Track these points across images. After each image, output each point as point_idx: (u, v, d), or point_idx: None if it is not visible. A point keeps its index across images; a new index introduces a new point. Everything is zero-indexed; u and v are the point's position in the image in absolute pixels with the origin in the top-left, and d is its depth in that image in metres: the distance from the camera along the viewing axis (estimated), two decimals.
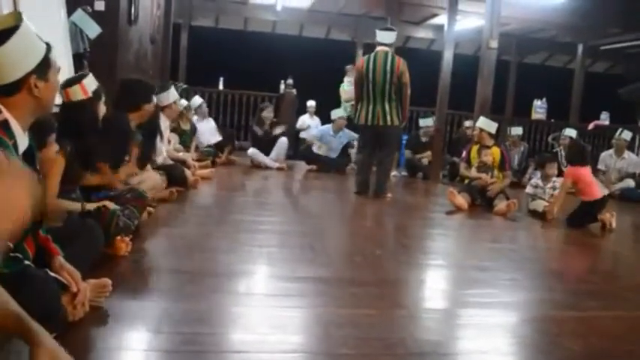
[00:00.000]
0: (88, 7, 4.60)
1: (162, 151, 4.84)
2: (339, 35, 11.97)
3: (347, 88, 8.92)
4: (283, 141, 7.69)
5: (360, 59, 5.91)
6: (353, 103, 6.74)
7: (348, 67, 9.07)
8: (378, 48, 5.55)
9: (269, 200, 5.48)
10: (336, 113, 7.94)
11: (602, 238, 4.61)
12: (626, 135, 7.62)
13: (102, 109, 2.92)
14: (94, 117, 2.82)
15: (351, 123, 7.73)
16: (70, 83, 2.82)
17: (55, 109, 2.61)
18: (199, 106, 7.71)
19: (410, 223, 4.75)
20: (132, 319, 1.98)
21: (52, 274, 1.76)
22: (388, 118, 5.44)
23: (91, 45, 4.54)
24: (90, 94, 2.80)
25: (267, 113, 7.79)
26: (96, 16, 4.61)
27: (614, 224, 4.77)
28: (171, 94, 5.14)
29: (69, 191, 2.65)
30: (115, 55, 5.08)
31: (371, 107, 5.47)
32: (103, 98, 3.02)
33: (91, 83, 2.85)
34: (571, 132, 7.89)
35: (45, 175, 2.33)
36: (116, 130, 3.16)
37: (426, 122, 8.30)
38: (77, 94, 2.74)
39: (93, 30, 4.52)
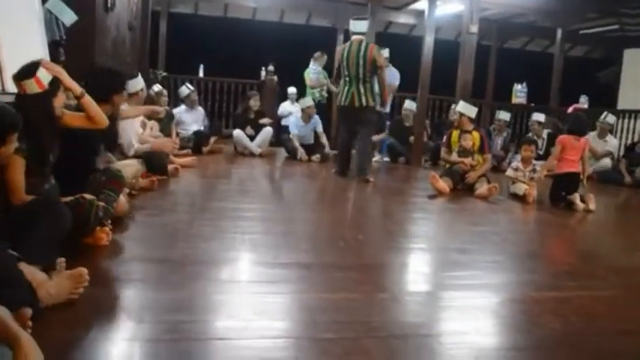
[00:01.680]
0: None
1: (132, 142, 4.77)
2: (319, 21, 11.89)
3: (312, 75, 8.91)
4: (268, 130, 7.70)
5: (339, 48, 6.31)
6: (319, 89, 7.95)
7: (316, 54, 9.04)
8: (353, 37, 5.94)
9: (251, 187, 5.46)
10: (304, 102, 7.91)
11: (581, 220, 4.68)
12: (610, 119, 7.71)
13: (61, 99, 2.76)
14: (47, 111, 2.63)
15: (319, 108, 8.09)
16: (23, 76, 2.56)
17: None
18: (187, 96, 7.64)
19: (392, 208, 4.78)
20: (114, 308, 1.97)
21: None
22: (363, 99, 5.83)
23: (67, 32, 4.46)
24: (46, 86, 2.56)
25: (255, 102, 7.76)
26: (71, 2, 4.52)
27: (592, 207, 4.85)
28: (139, 82, 5.08)
29: (42, 182, 2.58)
30: (92, 42, 5.00)
31: (346, 89, 5.90)
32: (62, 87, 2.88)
33: (45, 74, 2.60)
34: (539, 116, 7.87)
35: (5, 172, 2.28)
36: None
37: (412, 106, 8.26)
38: (32, 87, 2.58)
39: (69, 17, 4.44)
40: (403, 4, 10.63)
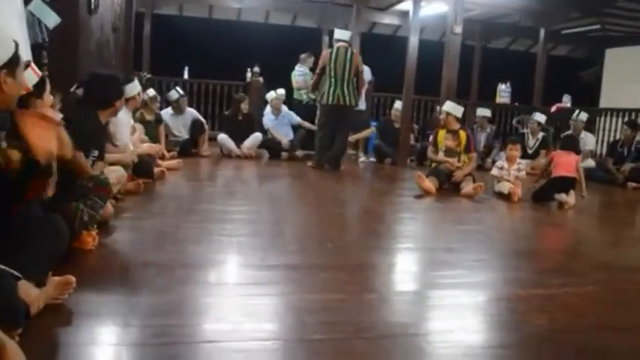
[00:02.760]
0: None
1: (129, 146, 4.75)
2: (305, 22, 11.91)
3: (298, 77, 8.94)
4: (258, 135, 7.71)
5: (325, 52, 6.87)
6: (306, 90, 8.38)
7: (303, 55, 9.06)
8: (338, 44, 6.64)
9: (238, 189, 5.45)
10: (270, 95, 8.08)
11: (566, 218, 4.73)
12: (583, 116, 7.86)
13: (48, 99, 2.72)
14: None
15: (307, 109, 8.30)
16: None
17: None
18: (176, 100, 7.57)
19: (379, 208, 4.79)
20: (101, 313, 1.96)
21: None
22: (347, 98, 6.58)
23: (50, 35, 4.42)
24: (30, 88, 2.53)
25: (245, 105, 7.76)
26: (54, 4, 4.47)
27: (571, 202, 4.97)
28: (135, 86, 5.06)
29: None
30: (75, 45, 4.96)
31: (332, 90, 6.56)
32: (48, 88, 2.85)
33: (32, 76, 2.57)
34: (540, 117, 8.03)
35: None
36: (82, 129, 3.02)
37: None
38: None
39: (52, 19, 4.39)
40: (388, 4, 10.67)
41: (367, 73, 8.32)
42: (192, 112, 7.88)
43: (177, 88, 7.92)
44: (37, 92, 2.56)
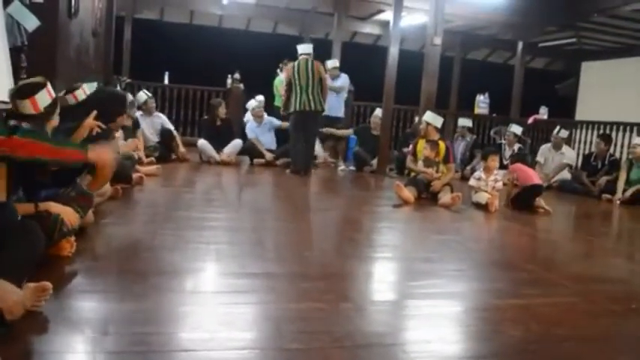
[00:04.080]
0: None
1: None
2: (286, 30, 11.95)
3: (280, 86, 8.99)
4: (238, 142, 7.72)
5: (288, 67, 7.36)
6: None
7: (286, 61, 9.10)
8: (301, 57, 7.11)
9: (216, 196, 5.43)
10: (251, 104, 8.12)
11: (542, 229, 4.80)
12: (563, 133, 8.01)
13: (54, 122, 2.74)
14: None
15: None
16: (20, 95, 2.57)
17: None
18: (144, 102, 7.54)
19: (358, 217, 4.81)
20: (77, 321, 1.94)
21: None
22: (312, 104, 6.96)
23: (30, 38, 4.37)
24: (41, 109, 2.56)
25: (222, 110, 7.75)
26: (34, 8, 4.43)
27: (546, 207, 5.33)
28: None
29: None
30: (54, 49, 4.91)
31: (298, 97, 6.96)
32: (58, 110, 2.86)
33: (45, 98, 2.61)
34: (517, 129, 8.14)
35: None
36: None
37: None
38: (26, 108, 2.53)
39: (31, 22, 4.34)
40: (369, 14, 10.77)
41: (347, 82, 8.53)
42: (160, 117, 7.85)
43: (145, 90, 7.88)
44: (46, 115, 2.59)
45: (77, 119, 3.49)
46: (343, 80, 8.57)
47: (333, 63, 8.53)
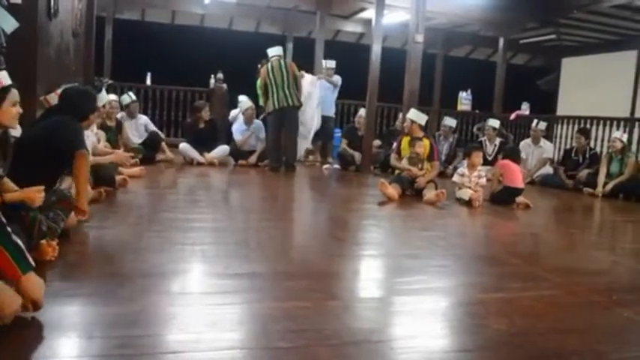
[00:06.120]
0: (4, 0, 4.35)
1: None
2: (269, 29, 11.91)
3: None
4: (225, 148, 7.71)
5: (262, 70, 7.43)
6: None
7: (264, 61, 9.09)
8: (273, 59, 7.38)
9: (201, 197, 5.40)
10: (243, 105, 7.96)
11: (524, 223, 4.86)
12: (542, 126, 8.10)
13: (10, 112, 2.68)
14: None
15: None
16: None
17: None
18: (127, 105, 7.49)
19: (342, 215, 4.83)
20: (62, 325, 1.92)
21: None
22: (289, 100, 7.20)
23: (8, 40, 4.31)
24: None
25: (206, 112, 7.70)
26: (12, 9, 4.35)
27: (526, 201, 5.46)
28: (103, 97, 5.05)
29: None
30: (34, 50, 4.84)
31: (276, 95, 7.19)
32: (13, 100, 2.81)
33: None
34: (494, 123, 8.22)
35: None
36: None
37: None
38: None
39: (9, 24, 4.27)
40: (351, 12, 10.79)
41: (340, 81, 8.54)
42: (143, 119, 7.81)
43: (130, 93, 7.85)
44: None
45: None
46: (338, 78, 8.58)
47: (330, 63, 8.51)
